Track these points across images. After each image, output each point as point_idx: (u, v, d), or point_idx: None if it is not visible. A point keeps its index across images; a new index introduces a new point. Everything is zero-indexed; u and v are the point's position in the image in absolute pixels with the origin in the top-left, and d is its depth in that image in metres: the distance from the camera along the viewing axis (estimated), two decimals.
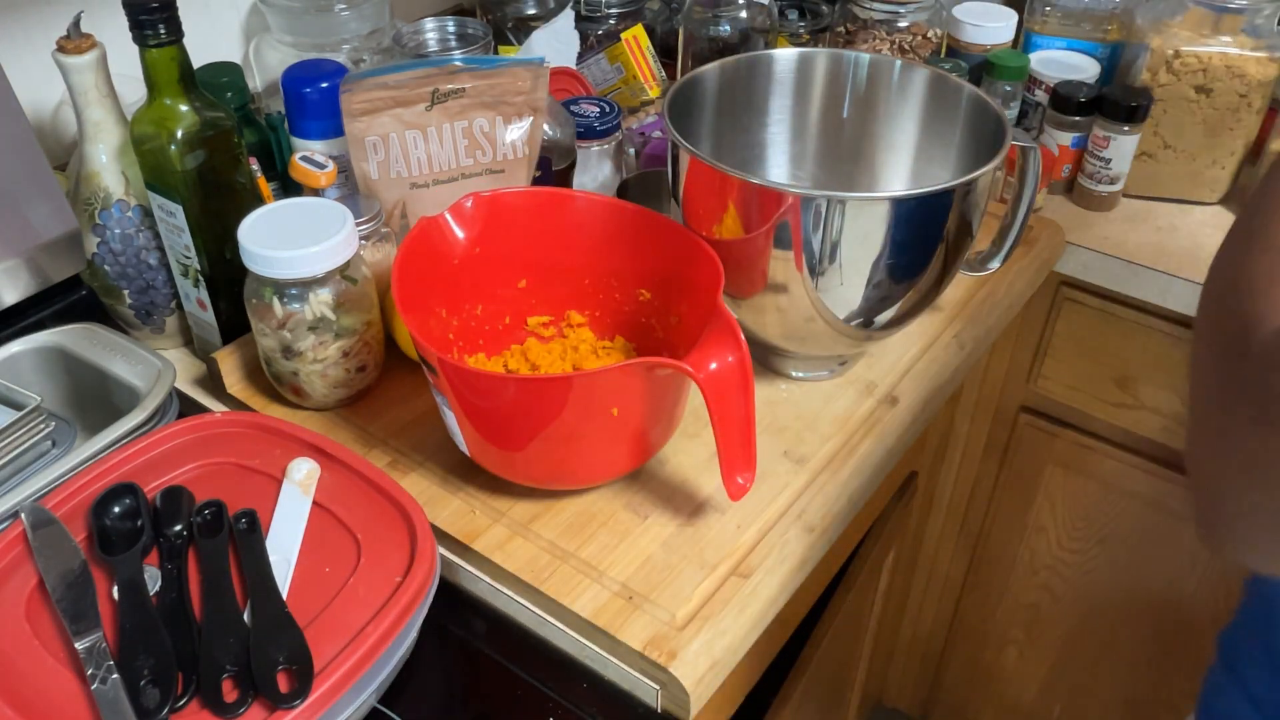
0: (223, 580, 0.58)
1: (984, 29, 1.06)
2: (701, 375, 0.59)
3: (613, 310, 0.76)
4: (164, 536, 0.60)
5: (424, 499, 0.68)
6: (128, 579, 0.57)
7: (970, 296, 0.90)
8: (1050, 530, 1.22)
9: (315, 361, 0.72)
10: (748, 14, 1.04)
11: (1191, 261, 0.98)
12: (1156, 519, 1.12)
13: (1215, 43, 0.97)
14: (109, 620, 0.56)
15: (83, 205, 0.77)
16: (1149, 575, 1.17)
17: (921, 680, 1.50)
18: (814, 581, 0.85)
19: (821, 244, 0.67)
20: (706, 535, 0.66)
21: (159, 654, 0.53)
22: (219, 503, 0.62)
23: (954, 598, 1.37)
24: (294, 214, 0.70)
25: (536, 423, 0.62)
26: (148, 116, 0.71)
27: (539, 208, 0.74)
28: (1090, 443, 1.12)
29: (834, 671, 1.05)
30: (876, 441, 0.75)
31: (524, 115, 0.77)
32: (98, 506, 0.61)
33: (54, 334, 0.74)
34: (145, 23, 0.67)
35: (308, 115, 0.81)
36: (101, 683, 0.52)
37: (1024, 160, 0.75)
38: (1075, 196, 1.07)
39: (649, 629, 0.61)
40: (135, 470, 0.65)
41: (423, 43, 0.93)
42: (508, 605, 0.66)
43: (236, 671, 0.53)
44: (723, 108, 0.82)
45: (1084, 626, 1.26)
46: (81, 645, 0.53)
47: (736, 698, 0.76)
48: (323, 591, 0.58)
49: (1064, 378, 1.11)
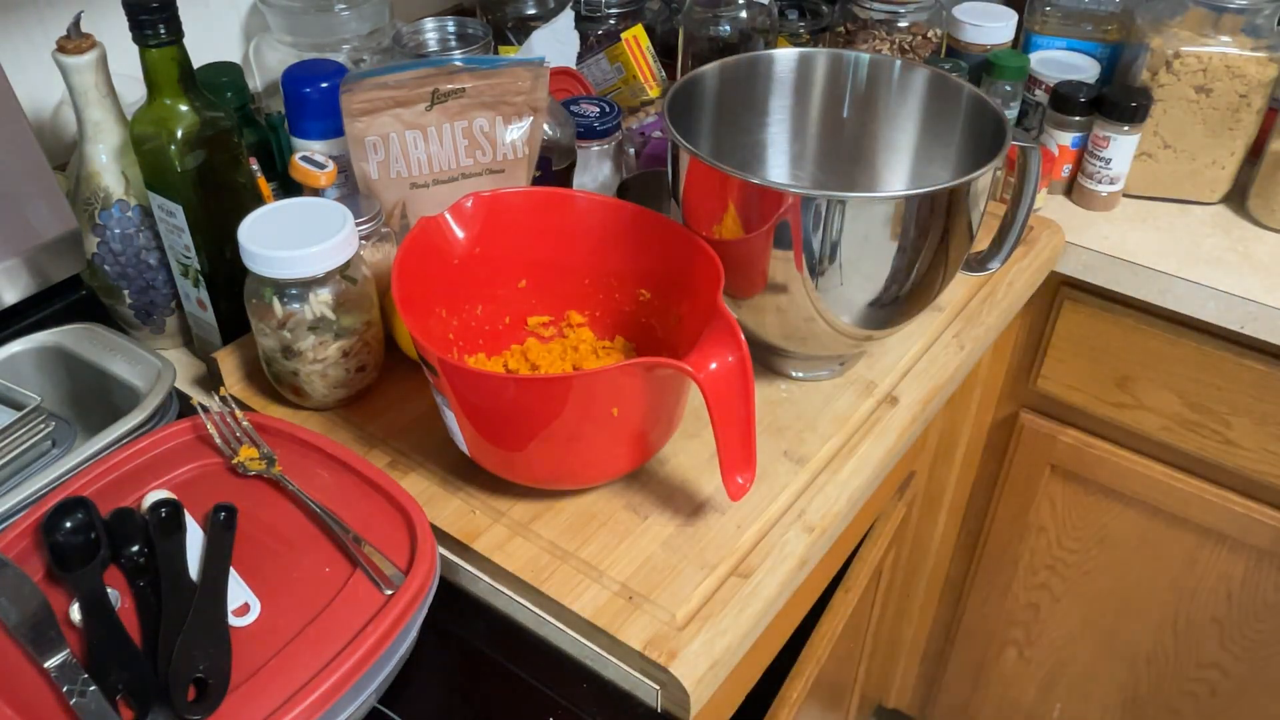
0: (180, 582, 0.58)
1: (984, 29, 1.06)
2: (701, 375, 0.59)
3: (613, 310, 0.76)
4: (121, 549, 0.59)
5: (424, 499, 0.68)
6: (89, 594, 0.56)
7: (970, 296, 0.90)
8: (1050, 530, 1.22)
9: (315, 361, 0.72)
10: (748, 14, 1.04)
11: (1191, 261, 0.98)
12: (1156, 519, 1.12)
13: (1215, 43, 0.97)
14: (74, 637, 0.55)
15: (83, 205, 0.77)
16: (1149, 575, 1.17)
17: (921, 680, 1.50)
18: (814, 581, 0.85)
19: (821, 244, 0.67)
20: (706, 535, 0.66)
21: (130, 663, 0.53)
22: (175, 501, 0.62)
23: (954, 598, 1.37)
24: (294, 214, 0.70)
25: (536, 423, 0.62)
26: (148, 116, 0.71)
27: (539, 208, 0.74)
28: (1090, 442, 1.12)
29: (834, 671, 1.05)
30: (876, 441, 0.75)
31: (524, 115, 0.77)
32: (48, 524, 0.59)
33: (54, 334, 0.74)
34: (145, 23, 0.67)
35: (308, 115, 0.81)
36: (80, 696, 0.51)
37: (1024, 160, 0.75)
38: (1075, 196, 1.07)
39: (649, 629, 0.61)
40: (135, 470, 0.65)
41: (423, 43, 0.93)
42: (508, 605, 0.66)
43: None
44: (723, 108, 0.82)
45: (1084, 626, 1.26)
46: (51, 665, 0.52)
47: (736, 698, 0.76)
48: (323, 591, 0.58)
49: (1064, 378, 1.11)
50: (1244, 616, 1.13)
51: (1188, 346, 1.01)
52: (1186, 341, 1.01)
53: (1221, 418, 1.03)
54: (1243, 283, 0.96)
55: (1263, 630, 1.12)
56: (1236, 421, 1.03)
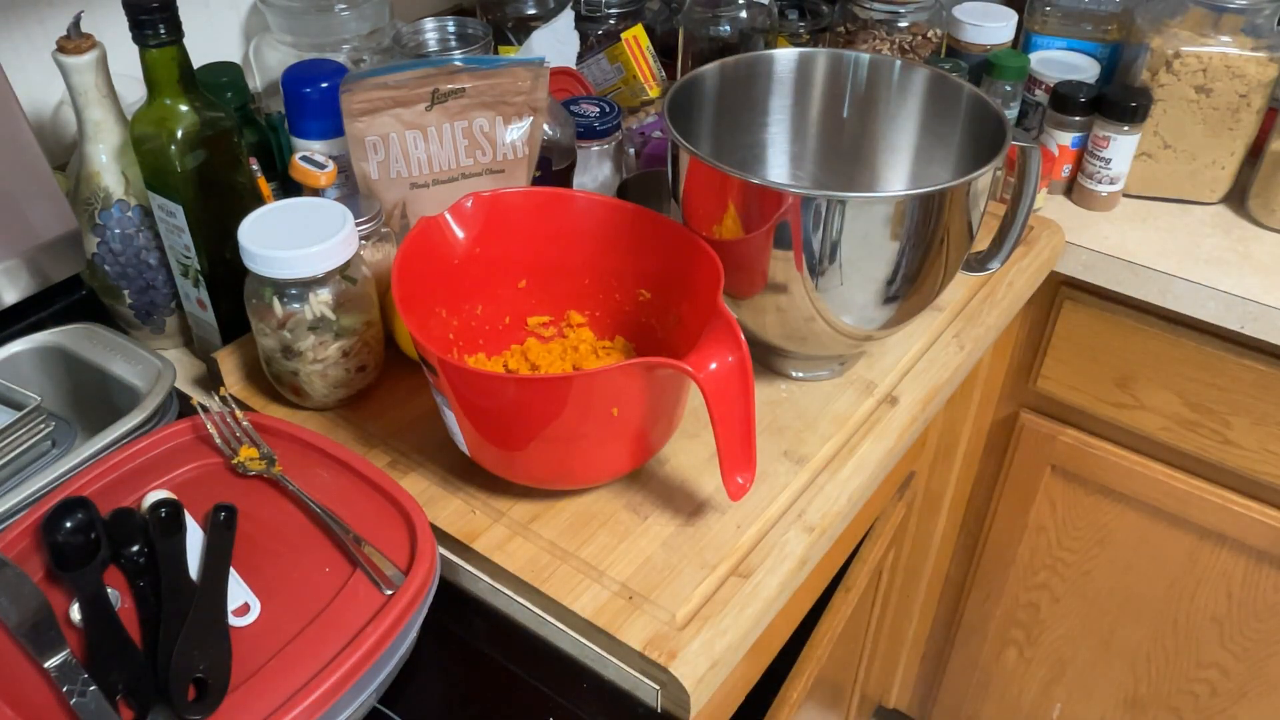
0: (180, 582, 0.58)
1: (984, 29, 1.06)
2: (701, 375, 0.59)
3: (613, 310, 0.76)
4: (121, 549, 0.59)
5: (424, 499, 0.68)
6: (89, 594, 0.56)
7: (970, 296, 0.90)
8: (1050, 530, 1.22)
9: (315, 361, 0.72)
10: (748, 14, 1.04)
11: (1191, 261, 0.98)
12: (1156, 519, 1.12)
13: (1215, 43, 0.97)
14: (74, 637, 0.55)
15: (83, 205, 0.77)
16: (1149, 575, 1.17)
17: (921, 680, 1.50)
18: (814, 581, 0.85)
19: (821, 244, 0.67)
20: (706, 535, 0.66)
21: (130, 663, 0.53)
22: (175, 501, 0.62)
23: (954, 598, 1.37)
24: (294, 214, 0.70)
25: (536, 423, 0.62)
26: (148, 116, 0.71)
27: (539, 208, 0.74)
28: (1090, 442, 1.12)
29: (834, 671, 1.05)
30: (876, 441, 0.75)
31: (524, 115, 0.77)
32: (48, 524, 0.59)
33: (54, 334, 0.74)
34: (145, 23, 0.67)
35: (308, 115, 0.81)
36: (80, 696, 0.51)
37: (1024, 160, 0.75)
38: (1075, 196, 1.07)
39: (649, 629, 0.61)
40: (135, 470, 0.65)
41: (423, 43, 0.93)
42: (508, 605, 0.66)
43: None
44: (723, 108, 0.82)
45: (1084, 626, 1.26)
46: (51, 665, 0.53)
47: (736, 698, 0.76)
48: (323, 592, 0.58)
49: (1064, 378, 1.11)
50: (1244, 616, 1.13)
51: (1188, 346, 1.01)
52: (1186, 341, 1.01)
53: (1221, 417, 1.03)
54: (1243, 283, 0.96)
55: (1263, 630, 1.12)
56: (1236, 421, 1.03)
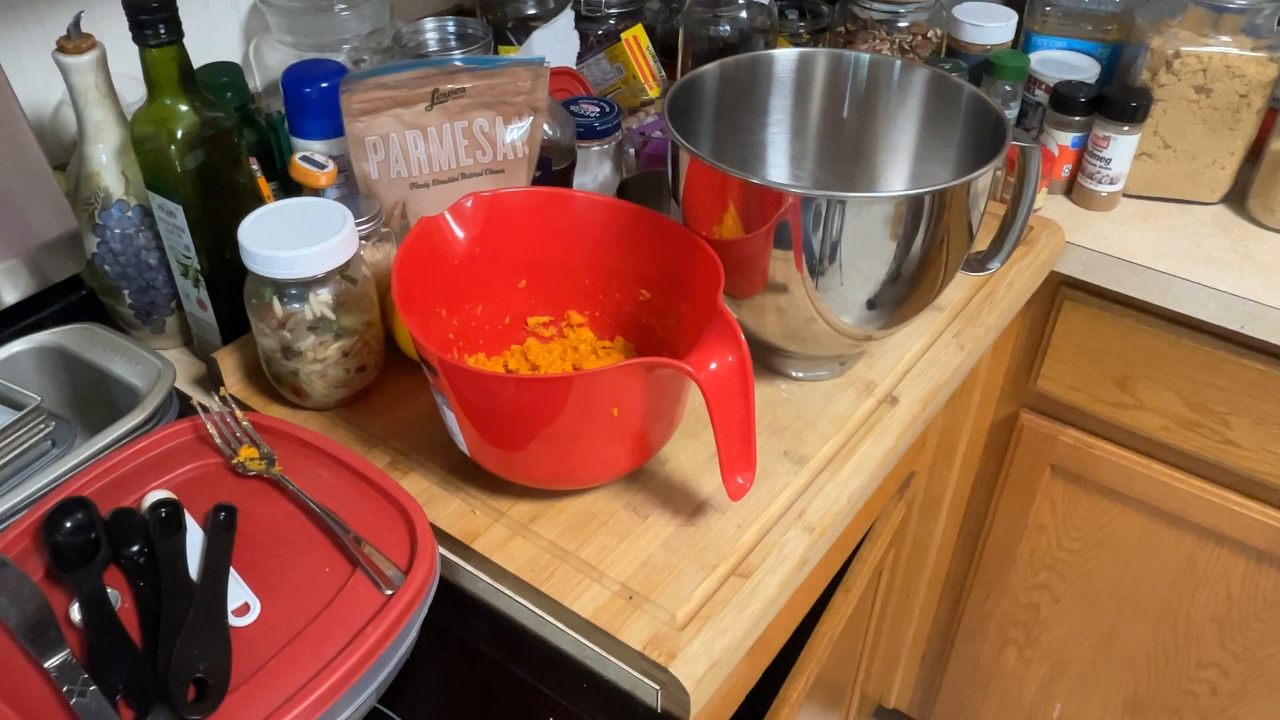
0: (180, 582, 0.58)
1: (984, 29, 1.06)
2: (701, 375, 0.59)
3: (613, 310, 0.76)
4: (121, 549, 0.59)
5: (424, 499, 0.68)
6: (89, 594, 0.56)
7: (970, 296, 0.90)
8: (1050, 530, 1.22)
9: (315, 361, 0.72)
10: (748, 14, 1.04)
11: (1191, 261, 0.98)
12: (1156, 519, 1.12)
13: (1215, 43, 0.97)
14: (74, 637, 0.55)
15: (83, 205, 0.77)
16: (1149, 575, 1.17)
17: (921, 680, 1.50)
18: (814, 581, 0.85)
19: (821, 244, 0.67)
20: (706, 535, 0.66)
21: (130, 663, 0.53)
22: (175, 501, 0.62)
23: (954, 597, 1.37)
24: (294, 214, 0.70)
25: (536, 423, 0.62)
26: (148, 116, 0.71)
27: (539, 208, 0.74)
28: (1090, 442, 1.12)
29: (834, 671, 1.05)
30: (876, 441, 0.75)
31: (524, 115, 0.77)
32: (48, 523, 0.59)
33: (54, 334, 0.74)
34: (145, 23, 0.67)
35: (308, 115, 0.81)
36: (80, 696, 0.51)
37: (1024, 160, 0.75)
38: (1075, 196, 1.07)
39: (649, 629, 0.61)
40: (135, 470, 0.65)
41: (423, 43, 0.93)
42: (508, 605, 0.66)
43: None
44: (723, 108, 0.82)
45: (1084, 626, 1.26)
46: (51, 665, 0.52)
47: (736, 698, 0.76)
48: (323, 592, 0.58)
49: (1064, 378, 1.11)
50: (1244, 616, 1.13)
51: (1188, 346, 1.01)
52: (1186, 341, 1.01)
53: (1221, 417, 1.03)
54: (1243, 283, 0.96)
55: (1263, 630, 1.12)
56: (1236, 421, 1.03)
